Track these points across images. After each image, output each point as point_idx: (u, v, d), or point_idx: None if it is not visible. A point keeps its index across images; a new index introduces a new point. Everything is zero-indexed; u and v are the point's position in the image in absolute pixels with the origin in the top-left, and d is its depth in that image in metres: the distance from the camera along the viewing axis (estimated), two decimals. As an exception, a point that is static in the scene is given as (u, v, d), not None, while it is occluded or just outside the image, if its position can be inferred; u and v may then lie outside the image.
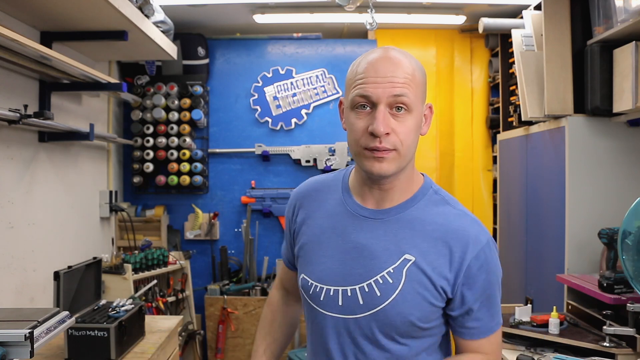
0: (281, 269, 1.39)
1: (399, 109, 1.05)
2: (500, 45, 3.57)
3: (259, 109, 3.89)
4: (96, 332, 1.88)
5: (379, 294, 1.07)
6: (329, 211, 1.18)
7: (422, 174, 1.19)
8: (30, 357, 1.35)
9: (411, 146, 1.08)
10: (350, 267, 1.10)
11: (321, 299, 1.13)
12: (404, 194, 1.13)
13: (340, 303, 1.10)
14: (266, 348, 1.33)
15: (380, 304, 1.07)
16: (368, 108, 1.06)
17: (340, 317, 1.10)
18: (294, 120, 3.88)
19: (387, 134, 1.04)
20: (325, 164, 3.75)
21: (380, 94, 1.04)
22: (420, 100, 1.09)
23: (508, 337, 2.15)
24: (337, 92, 3.87)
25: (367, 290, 1.08)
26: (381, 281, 1.08)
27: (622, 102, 2.32)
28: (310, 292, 1.15)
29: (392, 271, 1.07)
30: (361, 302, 1.08)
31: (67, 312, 1.60)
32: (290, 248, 1.29)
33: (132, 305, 2.06)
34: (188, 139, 3.71)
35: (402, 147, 1.06)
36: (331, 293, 1.11)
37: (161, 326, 2.30)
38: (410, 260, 1.07)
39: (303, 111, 3.88)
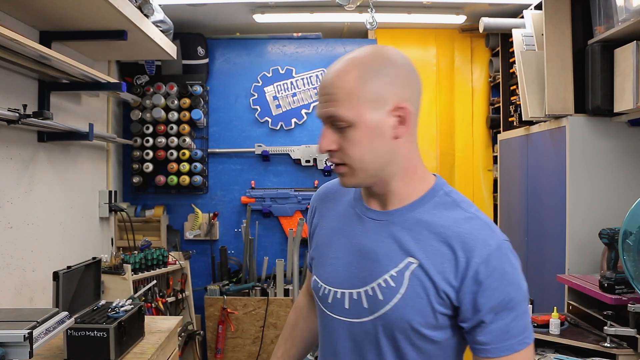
0: (308, 273, 1.36)
1: (339, 126, 1.02)
2: (500, 44, 3.57)
3: (259, 109, 3.89)
4: (95, 332, 1.87)
5: (381, 297, 1.04)
6: (340, 213, 1.17)
7: (435, 175, 1.13)
8: (30, 358, 1.35)
9: (364, 156, 1.03)
10: (356, 269, 1.08)
11: (329, 301, 1.12)
12: (408, 196, 1.09)
13: (346, 306, 1.08)
14: (284, 352, 1.34)
15: (382, 308, 1.04)
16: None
17: (347, 321, 1.08)
18: (293, 120, 3.87)
19: (331, 150, 1.04)
20: (325, 164, 3.75)
21: (319, 114, 1.04)
22: (368, 108, 1.01)
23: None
24: (337, 92, 3.85)
25: (370, 293, 1.05)
26: (384, 284, 1.04)
27: (623, 101, 2.32)
28: (320, 294, 1.14)
29: (394, 274, 1.04)
30: (365, 306, 1.06)
31: (66, 313, 1.60)
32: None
33: (132, 306, 2.06)
34: (188, 139, 3.71)
35: (354, 161, 1.03)
36: (338, 296, 1.10)
37: (161, 326, 2.29)
38: (414, 263, 1.03)
39: (303, 111, 3.87)
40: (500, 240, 1.02)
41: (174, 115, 3.71)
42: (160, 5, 3.02)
